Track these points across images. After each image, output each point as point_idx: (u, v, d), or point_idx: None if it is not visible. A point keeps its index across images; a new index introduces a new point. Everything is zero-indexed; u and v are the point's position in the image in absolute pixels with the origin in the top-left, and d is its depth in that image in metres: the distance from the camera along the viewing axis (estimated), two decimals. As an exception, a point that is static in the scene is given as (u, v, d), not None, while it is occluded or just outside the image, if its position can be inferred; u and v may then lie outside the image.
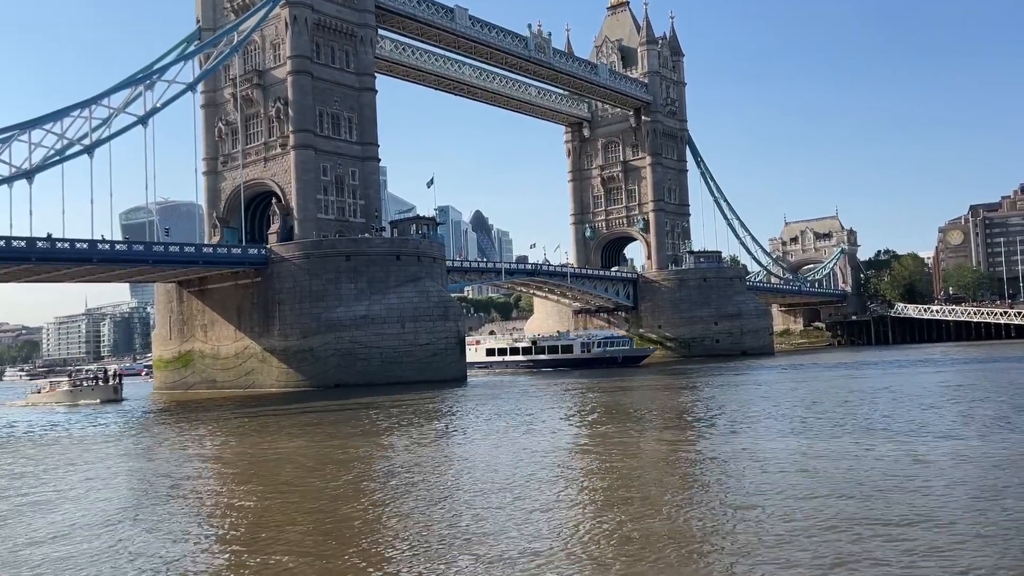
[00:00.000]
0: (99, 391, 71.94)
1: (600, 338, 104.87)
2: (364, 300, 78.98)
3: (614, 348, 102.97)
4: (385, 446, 31.12)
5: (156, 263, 78.22)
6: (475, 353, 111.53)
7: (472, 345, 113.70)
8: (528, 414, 41.54)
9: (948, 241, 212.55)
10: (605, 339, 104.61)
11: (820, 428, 29.61)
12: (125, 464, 29.86)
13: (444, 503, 19.09)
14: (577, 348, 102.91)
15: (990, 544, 13.52)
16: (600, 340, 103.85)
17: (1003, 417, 30.42)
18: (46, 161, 72.37)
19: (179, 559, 15.20)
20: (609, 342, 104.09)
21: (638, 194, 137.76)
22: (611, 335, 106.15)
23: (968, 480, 18.94)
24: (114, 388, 73.19)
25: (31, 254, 67.55)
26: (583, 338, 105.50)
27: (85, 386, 73.33)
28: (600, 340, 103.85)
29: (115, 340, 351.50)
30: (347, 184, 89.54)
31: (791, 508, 16.65)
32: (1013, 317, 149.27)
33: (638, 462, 24.51)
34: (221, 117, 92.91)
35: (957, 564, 12.59)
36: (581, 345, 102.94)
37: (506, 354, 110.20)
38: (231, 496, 21.92)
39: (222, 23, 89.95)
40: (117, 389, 73.28)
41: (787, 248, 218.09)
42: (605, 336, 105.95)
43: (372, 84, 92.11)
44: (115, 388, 73.30)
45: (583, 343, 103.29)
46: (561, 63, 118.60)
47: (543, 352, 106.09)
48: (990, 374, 57.23)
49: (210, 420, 47.20)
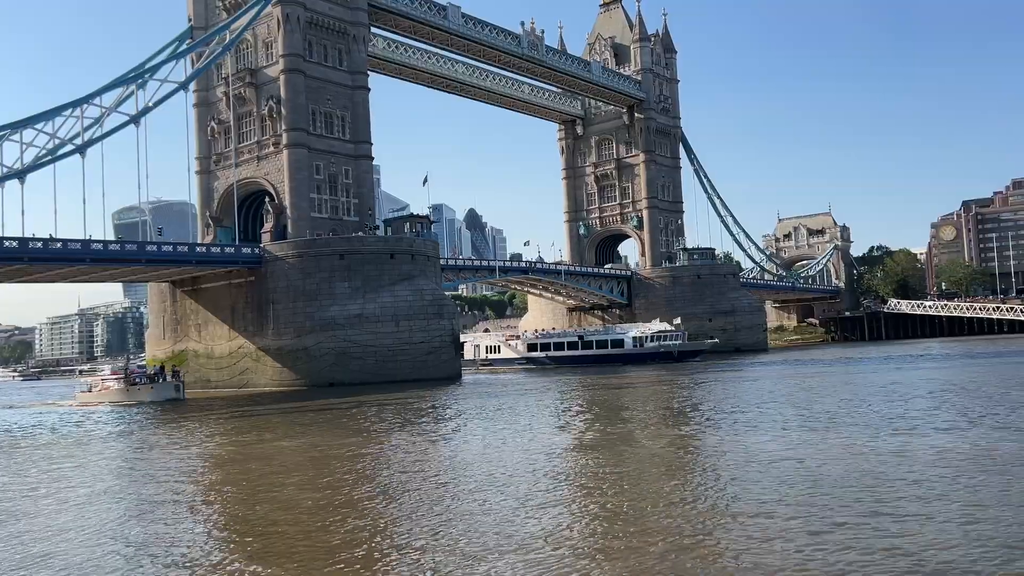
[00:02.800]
0: (159, 389, 66.24)
1: (654, 331, 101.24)
2: (358, 299, 78.92)
3: (669, 342, 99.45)
4: (379, 444, 31.11)
5: (149, 263, 77.99)
6: (515, 349, 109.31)
7: (510, 340, 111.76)
8: (517, 412, 41.54)
9: (941, 237, 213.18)
10: (659, 333, 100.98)
11: (816, 424, 29.69)
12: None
13: (433, 499, 19.11)
14: (629, 342, 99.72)
15: (988, 540, 13.58)
16: (654, 334, 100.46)
17: (993, 412, 30.56)
18: (38, 161, 72.12)
19: (166, 561, 15.16)
20: (663, 336, 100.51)
21: (632, 191, 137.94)
22: (665, 329, 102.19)
23: (963, 474, 19.02)
24: (175, 387, 67.15)
25: (24, 254, 67.29)
26: (635, 331, 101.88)
27: (142, 384, 67.20)
28: (654, 334, 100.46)
29: (108, 340, 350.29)
30: (340, 183, 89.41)
31: (788, 501, 16.72)
32: (1005, 312, 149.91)
33: (636, 456, 24.56)
34: (214, 116, 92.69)
35: (953, 560, 12.65)
36: (633, 339, 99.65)
37: (549, 349, 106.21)
38: (233, 497, 21.87)
39: (214, 21, 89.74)
40: (179, 387, 67.32)
41: (780, 244, 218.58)
42: (659, 329, 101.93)
43: (365, 82, 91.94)
44: (176, 387, 67.22)
45: (635, 337, 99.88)
46: (554, 60, 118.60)
47: (591, 347, 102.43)
48: (984, 369, 57.44)
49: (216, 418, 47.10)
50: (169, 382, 67.97)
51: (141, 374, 70.60)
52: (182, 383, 68.54)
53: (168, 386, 66.97)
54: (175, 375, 70.53)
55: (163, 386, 66.85)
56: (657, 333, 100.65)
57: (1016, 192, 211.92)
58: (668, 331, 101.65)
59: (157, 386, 66.68)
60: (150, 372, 71.48)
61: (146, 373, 70.61)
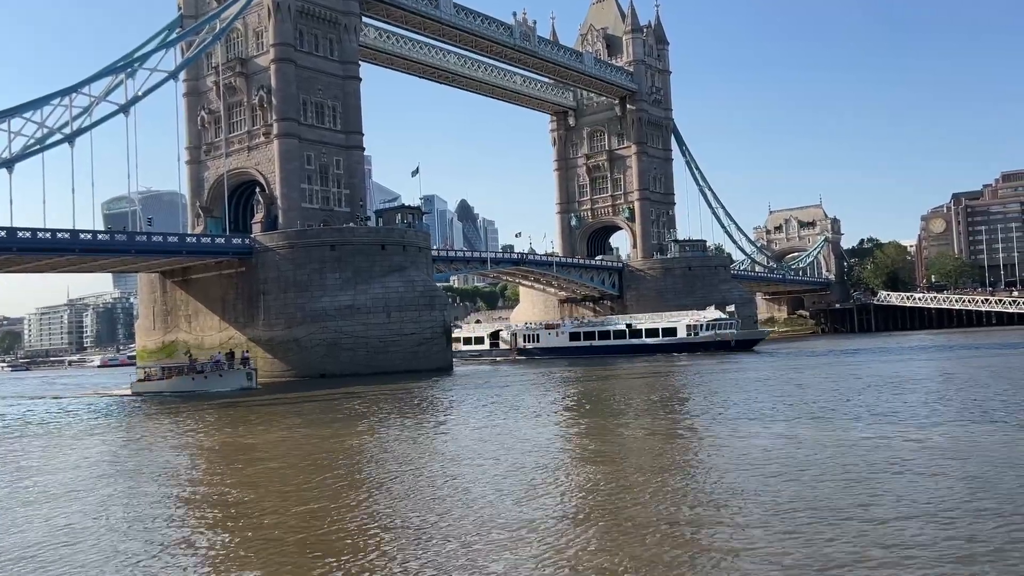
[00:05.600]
0: (228, 377, 61.18)
1: (708, 319, 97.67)
2: (349, 290, 78.74)
3: (726, 331, 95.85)
4: (369, 434, 31.08)
5: (139, 253, 77.51)
6: (556, 337, 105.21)
7: (548, 331, 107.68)
8: (505, 401, 41.56)
9: (930, 229, 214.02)
10: (714, 321, 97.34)
11: (807, 414, 29.81)
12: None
13: (421, 490, 19.10)
14: (682, 331, 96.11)
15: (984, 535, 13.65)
16: (709, 322, 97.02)
17: (977, 403, 30.74)
18: (26, 150, 71.56)
19: (150, 551, 15.12)
20: (719, 324, 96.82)
21: (623, 183, 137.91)
22: (719, 317, 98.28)
23: (954, 468, 19.12)
24: (247, 375, 62.06)
25: (12, 244, 66.86)
26: (688, 319, 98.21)
27: (210, 371, 61.81)
28: (709, 322, 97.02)
29: (98, 331, 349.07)
30: (331, 173, 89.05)
31: (782, 493, 16.78)
32: (994, 305, 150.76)
33: (631, 449, 24.60)
34: (204, 106, 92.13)
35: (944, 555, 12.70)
36: (687, 327, 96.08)
37: (594, 338, 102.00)
38: (220, 486, 21.82)
39: (204, 10, 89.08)
40: (251, 375, 62.30)
41: (771, 237, 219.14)
42: (714, 318, 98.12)
43: (356, 72, 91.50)
44: (249, 374, 62.16)
45: (689, 325, 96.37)
46: (546, 51, 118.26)
47: (639, 335, 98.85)
48: (972, 361, 57.76)
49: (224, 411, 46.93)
50: (239, 370, 62.63)
51: (207, 362, 64.28)
52: (254, 371, 63.52)
53: (239, 374, 61.93)
54: (244, 362, 64.64)
55: (232, 374, 61.84)
56: (712, 321, 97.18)
57: (1005, 185, 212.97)
58: (723, 319, 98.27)
59: (226, 374, 61.54)
60: (216, 358, 64.74)
61: (214, 360, 64.28)
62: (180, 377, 62.33)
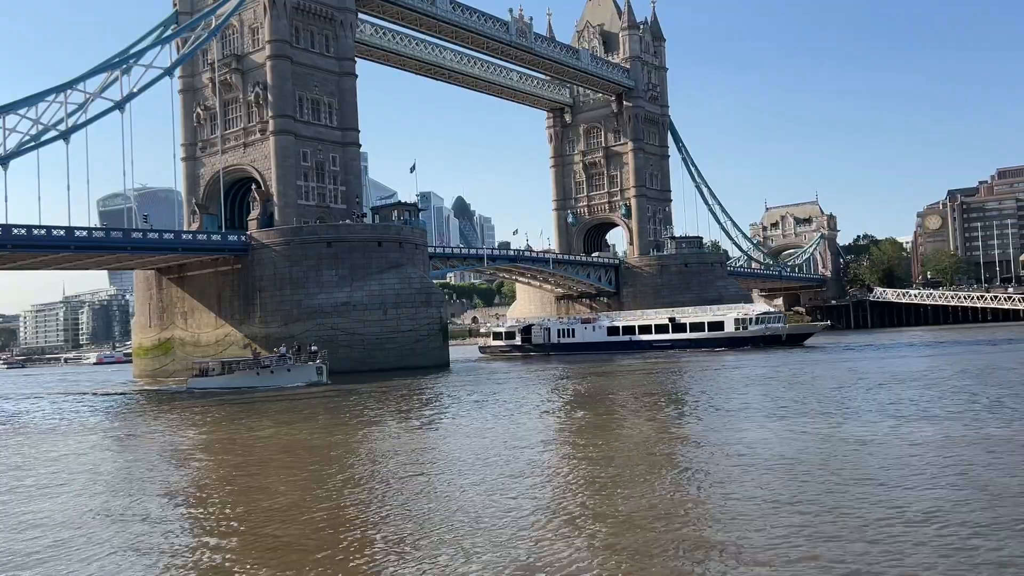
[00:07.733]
0: (297, 372, 59.18)
1: (757, 313, 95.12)
2: (345, 287, 78.69)
3: (776, 324, 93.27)
4: (365, 430, 31.10)
5: (135, 250, 77.42)
6: (593, 332, 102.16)
7: (585, 325, 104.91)
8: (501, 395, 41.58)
9: (926, 226, 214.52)
10: (763, 314, 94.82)
11: (802, 412, 29.87)
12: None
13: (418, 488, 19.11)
14: (730, 325, 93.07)
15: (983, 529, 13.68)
16: (758, 315, 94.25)
17: (975, 398, 30.82)
18: (21, 147, 71.37)
19: (149, 547, 15.12)
20: (768, 318, 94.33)
21: (620, 180, 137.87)
22: (768, 310, 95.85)
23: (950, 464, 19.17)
24: (317, 369, 59.94)
25: (7, 241, 66.66)
26: (736, 313, 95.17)
27: (276, 365, 59.65)
28: (758, 315, 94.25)
29: (94, 328, 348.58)
30: (328, 170, 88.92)
31: (778, 490, 16.82)
32: (989, 301, 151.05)
33: (628, 446, 24.63)
34: (199, 102, 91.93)
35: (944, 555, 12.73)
36: (735, 321, 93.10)
37: (634, 333, 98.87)
38: (218, 485, 21.81)
39: (200, 7, 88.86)
40: (321, 370, 60.06)
41: (768, 233, 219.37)
42: (763, 311, 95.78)
43: (352, 69, 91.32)
44: (319, 369, 59.98)
45: (737, 319, 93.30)
46: (542, 48, 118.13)
47: (684, 330, 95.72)
48: (967, 357, 57.92)
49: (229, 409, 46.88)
50: (309, 364, 60.28)
51: (275, 355, 61.49)
52: (326, 365, 60.94)
53: (307, 369, 59.84)
54: (314, 355, 61.70)
55: (301, 369, 59.65)
56: (761, 315, 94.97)
57: (1001, 182, 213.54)
58: (772, 312, 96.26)
59: (294, 368, 59.57)
60: (283, 352, 61.97)
61: (281, 354, 61.48)
62: (243, 373, 60.46)
